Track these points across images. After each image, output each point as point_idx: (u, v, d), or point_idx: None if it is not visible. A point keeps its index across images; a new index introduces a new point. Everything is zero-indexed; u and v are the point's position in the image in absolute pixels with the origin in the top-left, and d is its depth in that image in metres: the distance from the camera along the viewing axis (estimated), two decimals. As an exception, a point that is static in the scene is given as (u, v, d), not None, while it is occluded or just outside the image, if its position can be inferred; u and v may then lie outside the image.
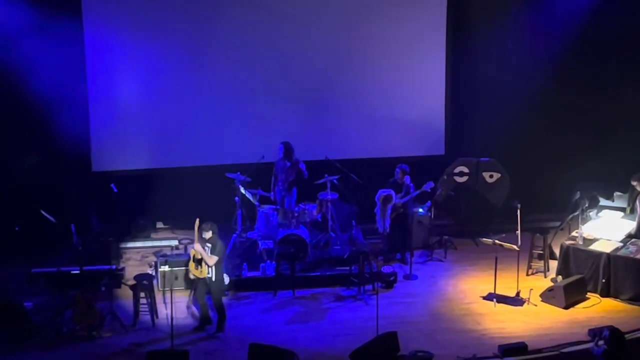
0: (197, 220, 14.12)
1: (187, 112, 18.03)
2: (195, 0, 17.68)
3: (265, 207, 17.14)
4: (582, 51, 18.52)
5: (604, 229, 16.17)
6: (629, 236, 15.86)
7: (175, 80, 17.92)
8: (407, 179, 16.67)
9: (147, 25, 17.57)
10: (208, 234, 14.20)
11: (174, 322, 13.93)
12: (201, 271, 14.16)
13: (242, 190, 16.98)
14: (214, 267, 14.13)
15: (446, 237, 17.61)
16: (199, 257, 14.10)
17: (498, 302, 15.31)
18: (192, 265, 14.25)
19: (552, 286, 15.46)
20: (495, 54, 18.63)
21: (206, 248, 14.14)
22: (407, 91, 18.58)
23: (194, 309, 15.03)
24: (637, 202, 15.93)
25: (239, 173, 17.07)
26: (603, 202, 17.17)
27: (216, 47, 17.90)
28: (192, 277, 14.69)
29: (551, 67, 18.57)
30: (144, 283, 14.84)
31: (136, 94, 17.84)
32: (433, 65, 18.60)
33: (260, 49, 17.97)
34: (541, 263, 16.46)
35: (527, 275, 16.33)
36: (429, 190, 16.82)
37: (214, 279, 14.21)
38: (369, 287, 15.72)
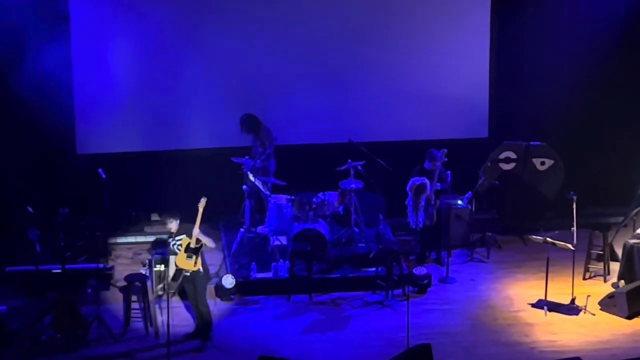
0: (204, 200, 14.13)
1: (186, 87, 18.09)
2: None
3: (279, 197, 17.10)
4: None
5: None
6: None
7: (172, 53, 17.99)
8: (439, 165, 16.60)
9: (136, 2, 17.68)
10: (173, 225, 14.22)
11: (171, 330, 13.93)
12: (195, 262, 14.10)
13: (251, 178, 16.96)
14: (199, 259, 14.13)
15: (489, 234, 17.59)
16: (195, 245, 14.01)
17: (549, 310, 15.31)
18: (182, 257, 14.12)
19: (613, 292, 15.44)
20: (548, 22, 18.63)
21: (179, 247, 14.12)
22: (444, 66, 18.60)
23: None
24: None
25: (247, 157, 17.08)
26: (675, 194, 17.14)
27: (218, 17, 17.98)
28: (173, 277, 14.46)
29: (612, 44, 18.54)
30: (136, 285, 14.84)
31: (126, 71, 17.92)
32: (476, 37, 18.63)
33: (276, 20, 18.04)
34: (600, 265, 16.44)
35: (584, 279, 16.35)
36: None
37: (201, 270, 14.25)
38: (398, 291, 15.73)
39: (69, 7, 17.50)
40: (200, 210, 14.11)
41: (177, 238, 14.17)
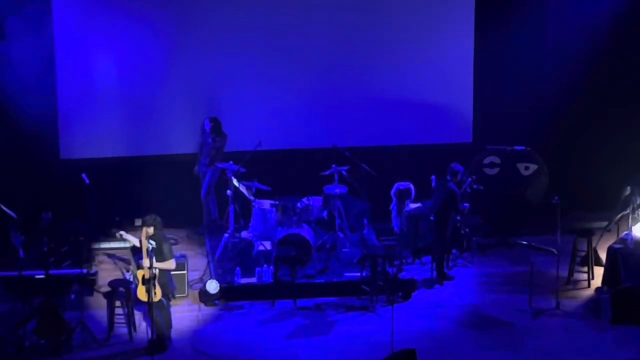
0: (145, 230, 14.06)
1: (169, 93, 18.13)
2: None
3: (263, 202, 17.10)
4: (632, 34, 18.64)
5: (659, 230, 16.17)
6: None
7: (154, 59, 18.01)
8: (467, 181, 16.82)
9: (120, 4, 17.66)
10: (150, 230, 14.13)
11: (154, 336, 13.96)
12: (156, 293, 14.02)
13: (235, 183, 16.96)
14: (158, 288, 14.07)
15: (474, 238, 17.56)
16: (150, 275, 13.97)
17: (534, 314, 15.30)
18: (141, 290, 14.05)
19: (597, 297, 15.50)
20: (530, 34, 18.75)
21: (149, 246, 14.00)
22: (429, 72, 18.67)
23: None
24: None
25: (231, 162, 17.07)
26: (658, 199, 17.16)
27: (202, 22, 18.01)
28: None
29: (598, 50, 18.66)
30: (119, 290, 14.79)
31: (110, 75, 17.96)
32: (460, 43, 18.70)
33: (261, 25, 18.05)
34: (585, 270, 16.43)
35: (568, 284, 16.33)
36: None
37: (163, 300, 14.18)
38: (383, 296, 15.69)
39: (53, 11, 17.43)
40: (144, 240, 14.03)
41: (150, 242, 14.08)
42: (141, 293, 14.09)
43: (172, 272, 15.48)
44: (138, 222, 17.60)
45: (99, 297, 15.19)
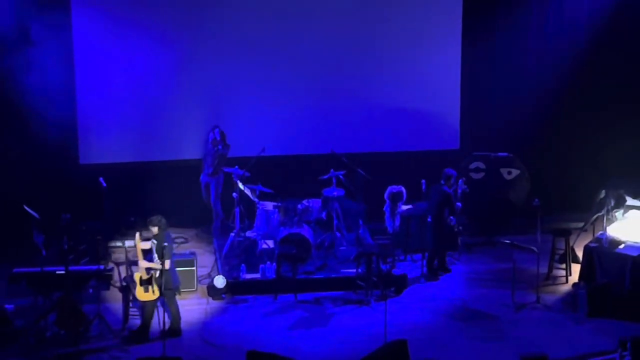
0: (138, 235, 14.11)
1: (181, 102, 18.04)
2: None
3: (266, 204, 17.05)
4: (608, 44, 18.60)
5: (632, 230, 16.08)
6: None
7: (168, 69, 17.92)
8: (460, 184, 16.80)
9: (137, 14, 17.60)
10: (154, 229, 14.12)
11: (166, 327, 13.96)
12: (154, 291, 14.02)
13: (241, 186, 16.91)
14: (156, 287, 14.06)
15: (460, 237, 17.48)
16: (147, 276, 13.96)
17: (517, 307, 15.26)
18: (139, 290, 14.07)
19: (574, 292, 15.43)
20: (514, 44, 18.69)
21: (152, 245, 13.99)
22: (419, 82, 18.59)
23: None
24: None
25: (237, 167, 17.04)
26: (630, 201, 17.06)
27: (213, 34, 17.91)
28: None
29: (575, 59, 18.70)
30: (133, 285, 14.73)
31: (127, 84, 17.87)
32: (448, 55, 18.59)
33: (261, 34, 17.96)
34: (563, 267, 16.40)
35: (548, 279, 16.28)
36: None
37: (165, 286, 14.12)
38: (377, 291, 15.64)
39: (72, 23, 17.36)
40: (137, 244, 14.04)
41: (153, 241, 14.07)
42: (139, 293, 14.10)
43: (183, 269, 15.57)
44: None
45: (115, 292, 15.17)
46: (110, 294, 15.39)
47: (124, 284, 14.80)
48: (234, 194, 16.96)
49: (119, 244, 16.74)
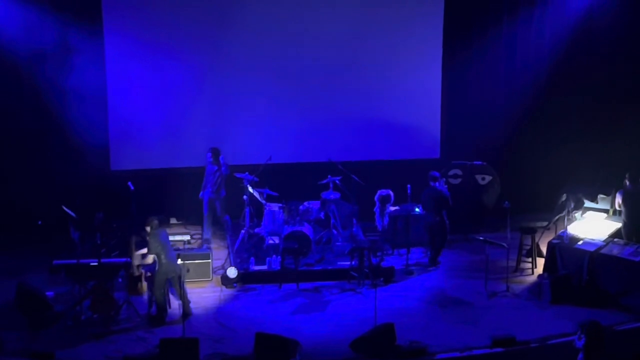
0: (133, 239, 14.38)
1: (200, 116, 18.02)
2: (207, 16, 17.64)
3: (272, 205, 17.08)
4: (568, 63, 18.62)
5: (589, 229, 16.12)
6: (612, 236, 15.82)
7: (188, 86, 17.91)
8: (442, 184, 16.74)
9: (163, 35, 17.55)
10: (147, 229, 14.27)
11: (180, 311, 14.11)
12: (142, 287, 14.38)
13: (250, 189, 16.93)
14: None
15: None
16: (137, 273, 14.22)
17: (489, 295, 15.28)
18: (130, 285, 14.33)
19: (539, 282, 15.46)
20: (487, 64, 18.67)
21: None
22: (405, 99, 18.53)
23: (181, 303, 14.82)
24: (617, 195, 16.03)
25: (247, 173, 17.04)
26: (587, 204, 17.13)
27: (228, 58, 17.89)
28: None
29: (540, 77, 18.72)
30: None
31: (152, 100, 17.86)
32: (430, 75, 18.56)
33: (270, 61, 17.96)
34: (529, 260, 16.40)
35: (516, 271, 16.27)
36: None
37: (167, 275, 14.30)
38: (368, 281, 15.65)
39: (105, 50, 17.40)
40: (132, 248, 14.27)
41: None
42: (130, 288, 14.50)
43: (200, 261, 15.59)
44: (173, 220, 17.63)
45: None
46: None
47: (148, 274, 14.84)
48: (245, 197, 16.98)
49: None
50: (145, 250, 14.39)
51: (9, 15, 16.75)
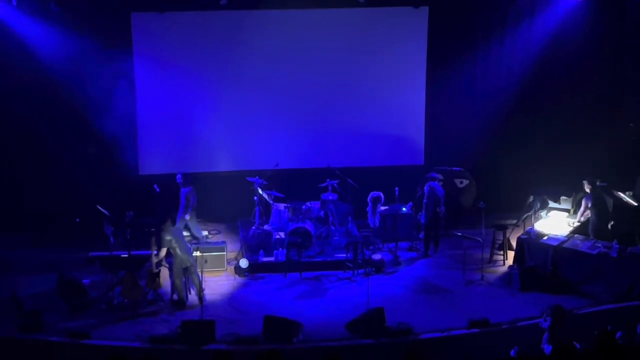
0: (153, 239, 14.27)
1: (217, 128, 18.01)
2: (223, 41, 17.63)
3: (279, 205, 17.10)
4: (535, 80, 18.56)
5: (553, 226, 16.13)
6: (572, 232, 15.83)
7: (207, 102, 17.90)
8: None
9: (184, 56, 17.55)
10: (169, 224, 14.37)
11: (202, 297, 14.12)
12: (159, 283, 14.31)
13: (260, 191, 16.95)
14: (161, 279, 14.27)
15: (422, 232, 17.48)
16: (156, 270, 14.17)
17: (466, 283, 15.29)
18: (149, 280, 14.30)
19: (510, 272, 15.42)
20: (465, 81, 18.59)
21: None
22: (394, 112, 18.48)
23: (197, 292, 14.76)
24: (583, 200, 15.94)
25: (257, 177, 17.07)
26: (552, 204, 17.11)
27: (242, 79, 17.86)
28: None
29: (511, 92, 18.61)
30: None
31: (175, 114, 17.84)
32: (415, 91, 18.50)
33: (277, 81, 17.94)
34: (501, 253, 16.40)
35: (489, 262, 16.25)
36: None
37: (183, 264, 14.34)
38: (361, 271, 15.66)
39: (134, 57, 17.33)
40: (152, 247, 14.20)
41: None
42: (149, 283, 14.30)
43: (216, 253, 15.60)
44: (187, 217, 17.56)
45: (165, 271, 15.11)
46: (161, 272, 15.34)
47: (167, 266, 14.84)
48: (255, 198, 17.01)
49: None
50: (162, 252, 14.38)
51: (52, 43, 16.77)
